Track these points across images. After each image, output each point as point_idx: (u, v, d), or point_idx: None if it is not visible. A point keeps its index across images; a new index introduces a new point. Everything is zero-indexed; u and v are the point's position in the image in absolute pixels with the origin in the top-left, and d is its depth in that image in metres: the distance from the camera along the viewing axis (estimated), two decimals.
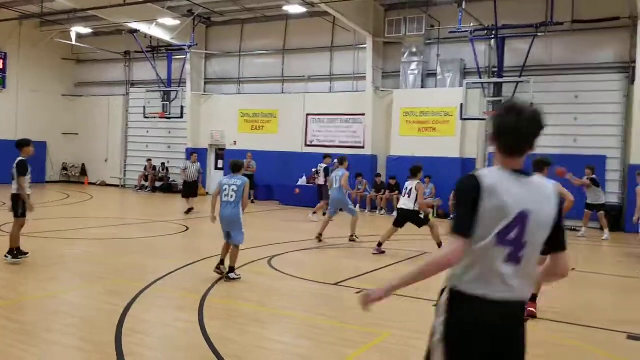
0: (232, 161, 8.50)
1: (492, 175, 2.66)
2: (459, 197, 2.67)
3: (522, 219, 2.62)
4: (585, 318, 6.93)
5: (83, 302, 7.07)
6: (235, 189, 8.09)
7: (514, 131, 2.65)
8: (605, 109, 17.57)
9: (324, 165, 17.84)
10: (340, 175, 12.48)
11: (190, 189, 17.54)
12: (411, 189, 10.72)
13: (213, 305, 6.88)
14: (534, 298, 6.57)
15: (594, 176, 14.78)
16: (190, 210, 16.97)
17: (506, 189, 2.62)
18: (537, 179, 2.76)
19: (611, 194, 17.21)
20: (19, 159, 8.83)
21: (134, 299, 6.90)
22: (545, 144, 18.01)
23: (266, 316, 6.65)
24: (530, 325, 6.55)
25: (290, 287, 8.22)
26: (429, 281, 2.75)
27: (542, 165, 6.55)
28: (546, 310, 6.88)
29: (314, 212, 16.37)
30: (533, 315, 6.49)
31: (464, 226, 2.61)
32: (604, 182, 16.79)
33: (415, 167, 11.07)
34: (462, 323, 2.65)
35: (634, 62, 16.88)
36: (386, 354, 5.52)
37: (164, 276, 8.28)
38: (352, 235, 12.58)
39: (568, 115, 17.78)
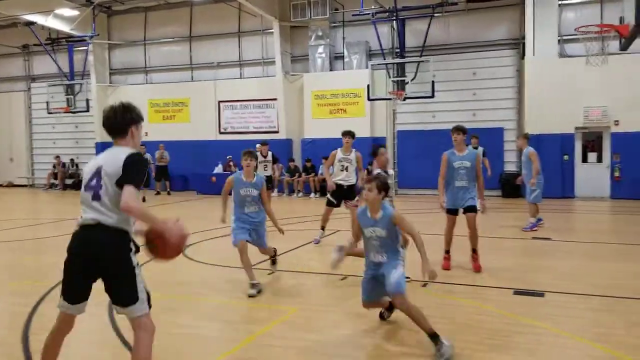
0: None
1: None
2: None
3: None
4: (478, 279, 7.55)
5: None
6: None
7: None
8: (500, 83, 18.65)
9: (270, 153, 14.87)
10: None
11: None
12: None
13: None
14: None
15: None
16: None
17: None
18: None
19: (509, 162, 18.37)
20: None
21: (42, 298, 6.86)
22: (447, 119, 18.91)
23: (179, 304, 6.79)
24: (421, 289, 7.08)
25: (203, 274, 8.37)
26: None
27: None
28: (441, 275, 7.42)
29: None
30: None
31: None
32: (502, 152, 17.86)
33: None
34: None
35: (524, 38, 17.98)
36: (291, 326, 5.84)
37: None
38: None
39: (467, 91, 18.77)
